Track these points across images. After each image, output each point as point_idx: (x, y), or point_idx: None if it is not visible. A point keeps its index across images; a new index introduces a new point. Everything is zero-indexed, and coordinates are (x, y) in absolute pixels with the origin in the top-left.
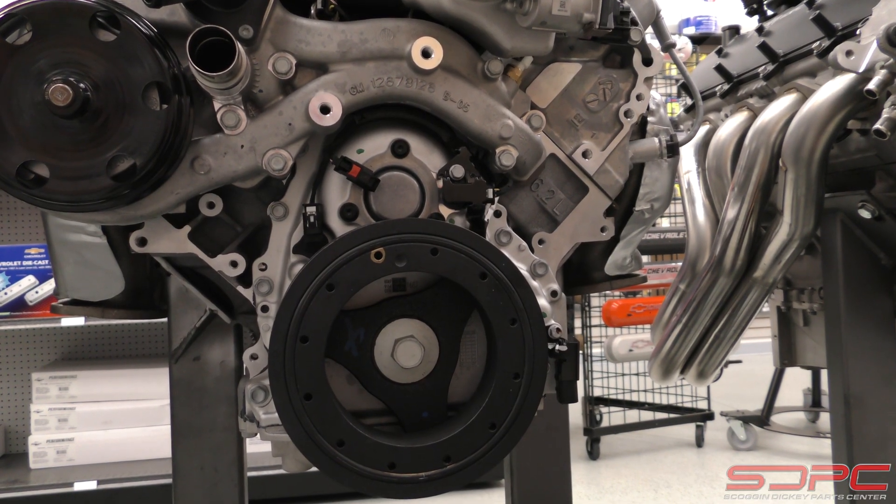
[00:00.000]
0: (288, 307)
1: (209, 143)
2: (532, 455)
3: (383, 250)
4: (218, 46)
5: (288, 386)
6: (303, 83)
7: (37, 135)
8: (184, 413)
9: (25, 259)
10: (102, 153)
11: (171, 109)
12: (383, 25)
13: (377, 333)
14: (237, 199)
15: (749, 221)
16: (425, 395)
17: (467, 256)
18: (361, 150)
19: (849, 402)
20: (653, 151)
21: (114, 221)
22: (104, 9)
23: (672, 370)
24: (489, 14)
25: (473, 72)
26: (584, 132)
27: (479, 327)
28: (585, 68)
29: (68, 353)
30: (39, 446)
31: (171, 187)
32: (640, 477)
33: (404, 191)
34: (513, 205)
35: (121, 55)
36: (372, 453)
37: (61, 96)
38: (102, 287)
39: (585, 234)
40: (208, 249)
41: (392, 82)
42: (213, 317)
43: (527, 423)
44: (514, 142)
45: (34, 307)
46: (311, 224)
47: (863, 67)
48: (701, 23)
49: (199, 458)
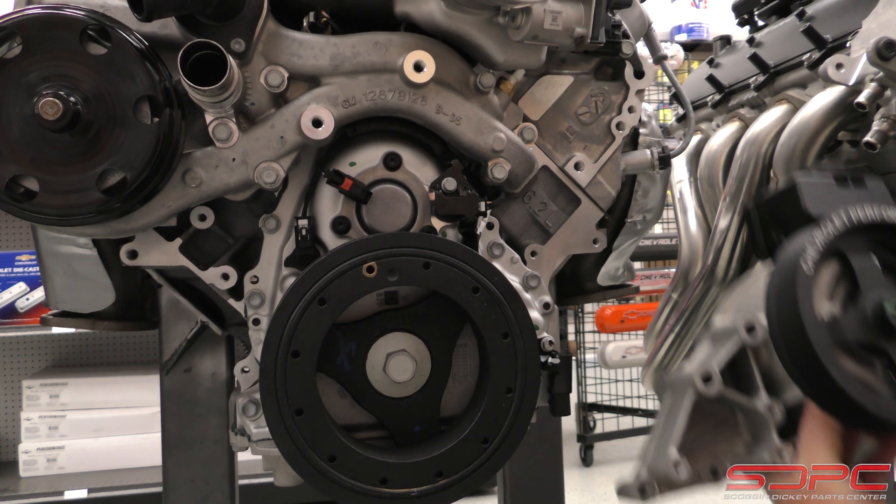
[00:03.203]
0: (279, 322)
1: (201, 156)
2: (525, 463)
3: (375, 264)
4: (209, 59)
5: (279, 401)
6: (295, 96)
7: (26, 149)
8: (175, 425)
9: (16, 266)
10: (93, 167)
11: (163, 123)
12: (375, 39)
13: (369, 347)
14: (229, 211)
15: (741, 231)
16: (417, 410)
17: (459, 270)
18: (354, 162)
19: None
20: (645, 163)
21: (104, 235)
22: (95, 22)
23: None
24: (481, 28)
25: (466, 85)
26: (577, 144)
27: (472, 340)
28: (577, 81)
29: (59, 361)
30: (30, 454)
31: (163, 200)
32: None
33: (396, 204)
34: (505, 217)
35: (111, 69)
36: (364, 468)
37: (51, 110)
38: (93, 299)
39: (578, 246)
40: (200, 262)
41: (384, 95)
42: (204, 328)
43: (519, 438)
44: (506, 154)
45: (25, 314)
46: (303, 237)
47: (853, 80)
48: (693, 30)
49: (189, 470)
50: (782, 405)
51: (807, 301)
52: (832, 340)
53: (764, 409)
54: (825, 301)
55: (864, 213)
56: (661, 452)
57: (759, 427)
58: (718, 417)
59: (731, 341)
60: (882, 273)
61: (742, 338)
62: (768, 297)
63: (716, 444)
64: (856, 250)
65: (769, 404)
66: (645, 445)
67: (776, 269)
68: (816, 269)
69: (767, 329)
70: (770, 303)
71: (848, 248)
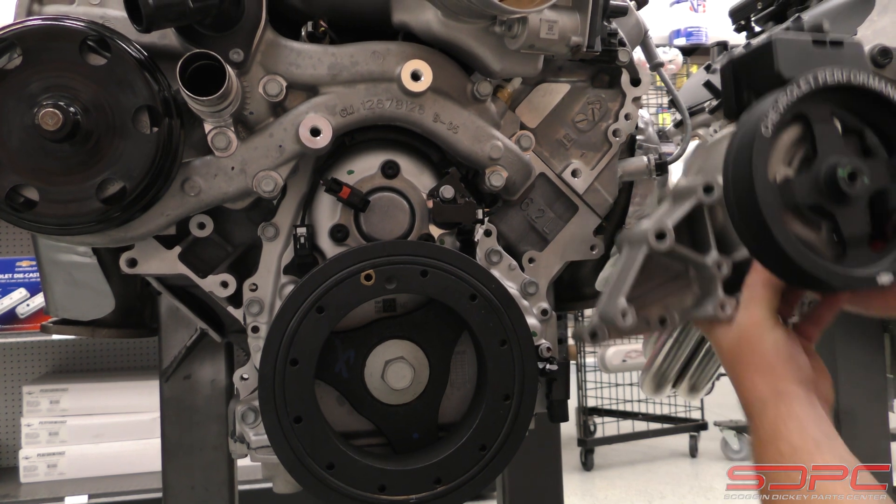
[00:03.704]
0: (277, 330)
1: (200, 165)
2: (524, 468)
3: (373, 272)
4: (209, 69)
5: (277, 409)
6: (293, 105)
7: (27, 158)
8: (174, 432)
9: (17, 272)
10: (92, 177)
11: (162, 132)
12: (373, 48)
13: (367, 355)
14: (228, 219)
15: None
16: (416, 417)
17: (457, 278)
18: (352, 171)
19: (839, 418)
20: (642, 170)
21: (104, 243)
22: (94, 33)
23: (664, 384)
24: (478, 37)
25: (463, 93)
26: (574, 151)
27: (470, 347)
28: (574, 89)
29: (59, 366)
30: (30, 460)
31: (162, 209)
32: (634, 488)
33: (394, 211)
34: (503, 224)
35: (111, 79)
36: (362, 476)
37: (51, 120)
38: (92, 306)
39: (575, 253)
40: (199, 270)
41: (382, 104)
42: (203, 335)
43: (517, 444)
44: (503, 162)
45: (25, 320)
46: (302, 245)
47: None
48: (691, 34)
49: (189, 476)
50: (730, 262)
51: (761, 163)
52: (782, 202)
53: (712, 265)
54: (782, 164)
55: (831, 75)
56: (611, 301)
57: (707, 282)
58: (672, 272)
59: (690, 200)
60: (842, 138)
61: (699, 197)
62: (726, 158)
63: (667, 297)
64: (819, 114)
65: (718, 260)
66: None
67: (737, 130)
68: (778, 133)
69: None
70: (727, 163)
71: (812, 112)
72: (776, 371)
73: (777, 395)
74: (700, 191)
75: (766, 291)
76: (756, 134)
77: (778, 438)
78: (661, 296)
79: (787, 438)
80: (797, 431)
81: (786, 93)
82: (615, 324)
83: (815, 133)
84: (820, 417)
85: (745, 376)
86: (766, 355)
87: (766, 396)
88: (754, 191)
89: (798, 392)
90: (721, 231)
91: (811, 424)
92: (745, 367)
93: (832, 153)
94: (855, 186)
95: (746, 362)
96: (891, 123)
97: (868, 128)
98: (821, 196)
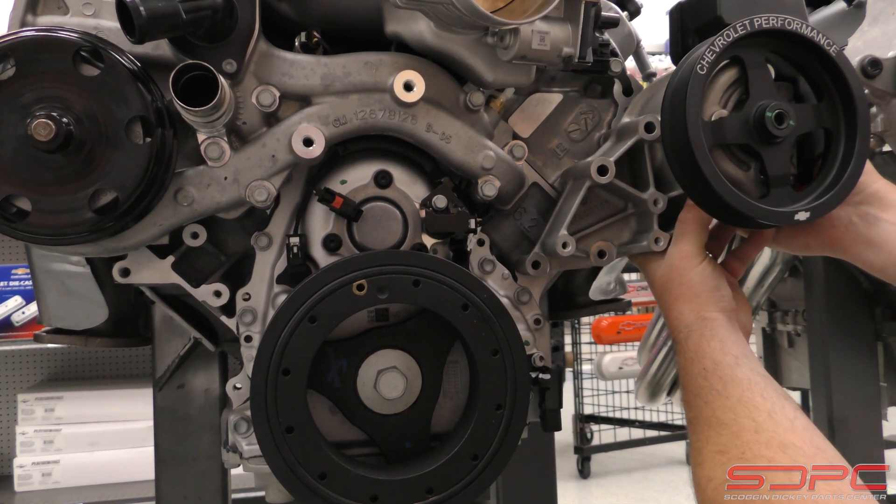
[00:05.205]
0: (270, 340)
1: (193, 175)
2: (518, 477)
3: (365, 282)
4: (201, 79)
5: (269, 419)
6: (286, 115)
7: (19, 169)
8: (168, 441)
9: (12, 280)
10: (85, 187)
11: (155, 143)
12: (366, 59)
13: (360, 364)
14: (221, 229)
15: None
16: (408, 426)
17: (449, 288)
18: (345, 180)
19: (833, 426)
20: None
21: (97, 253)
22: (88, 44)
23: (659, 392)
24: (470, 47)
25: (455, 103)
26: (567, 161)
27: (463, 357)
28: (567, 99)
29: (54, 374)
30: (24, 469)
31: (155, 219)
32: (630, 496)
33: (387, 221)
34: (496, 233)
35: (104, 90)
36: (354, 486)
37: (44, 131)
38: (86, 316)
39: (569, 262)
40: (192, 279)
41: (375, 114)
42: (197, 344)
43: (510, 454)
44: (496, 172)
45: (20, 328)
46: (295, 254)
47: None
48: None
49: (182, 486)
50: (666, 199)
51: (694, 100)
52: (713, 139)
53: (649, 200)
54: (718, 105)
55: (767, 21)
56: (553, 232)
57: (644, 217)
58: (613, 207)
59: (632, 137)
60: (774, 83)
61: (640, 134)
62: (664, 98)
63: (607, 230)
64: (754, 58)
65: (655, 196)
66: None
67: (675, 71)
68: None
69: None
70: (665, 101)
71: (747, 56)
72: (701, 299)
73: (701, 320)
74: (641, 128)
75: (696, 227)
76: (692, 73)
77: (702, 356)
78: (601, 230)
79: (710, 356)
80: (719, 350)
81: (723, 35)
82: (556, 253)
83: (748, 76)
84: (739, 339)
85: (674, 305)
86: (692, 285)
87: (692, 322)
88: (686, 127)
89: (720, 318)
90: (659, 169)
91: (731, 344)
92: (673, 297)
93: (763, 96)
94: (781, 128)
95: (675, 292)
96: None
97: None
98: (749, 136)
